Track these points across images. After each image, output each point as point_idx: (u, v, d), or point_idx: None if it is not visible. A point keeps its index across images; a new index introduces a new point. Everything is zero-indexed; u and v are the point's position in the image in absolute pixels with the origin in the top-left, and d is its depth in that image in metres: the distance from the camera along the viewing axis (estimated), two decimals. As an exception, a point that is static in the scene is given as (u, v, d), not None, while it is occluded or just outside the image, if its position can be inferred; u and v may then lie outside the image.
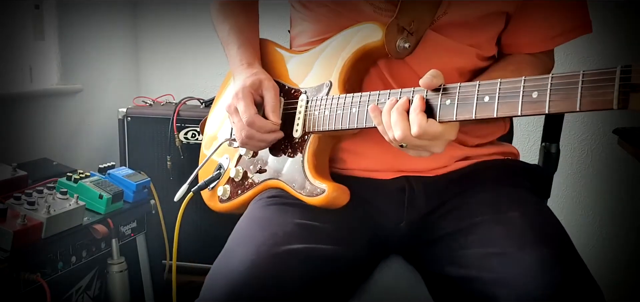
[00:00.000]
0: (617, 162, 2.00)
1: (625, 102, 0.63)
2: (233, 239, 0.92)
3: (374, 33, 0.94)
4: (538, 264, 0.78)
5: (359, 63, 0.97)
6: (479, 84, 0.76)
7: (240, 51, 1.08)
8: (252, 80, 1.01)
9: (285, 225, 0.90)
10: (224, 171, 1.11)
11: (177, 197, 1.10)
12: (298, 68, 1.07)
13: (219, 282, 0.82)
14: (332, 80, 0.98)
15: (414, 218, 0.98)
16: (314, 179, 0.95)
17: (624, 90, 0.63)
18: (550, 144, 1.21)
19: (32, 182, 1.48)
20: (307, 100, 1.00)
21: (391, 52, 0.92)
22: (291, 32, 1.16)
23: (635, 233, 2.01)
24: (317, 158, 0.98)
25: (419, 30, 0.93)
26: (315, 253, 0.87)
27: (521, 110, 0.72)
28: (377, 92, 0.88)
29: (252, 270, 0.80)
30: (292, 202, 0.96)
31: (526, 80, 0.72)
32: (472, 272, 0.84)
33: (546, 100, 0.70)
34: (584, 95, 0.66)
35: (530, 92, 0.71)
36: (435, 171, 0.99)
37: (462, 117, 0.77)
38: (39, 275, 1.29)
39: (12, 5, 1.82)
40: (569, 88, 0.68)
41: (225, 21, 1.15)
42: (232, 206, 1.09)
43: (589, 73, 0.66)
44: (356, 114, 0.91)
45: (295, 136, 1.00)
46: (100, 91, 2.12)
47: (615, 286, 2.00)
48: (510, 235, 0.84)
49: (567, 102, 0.68)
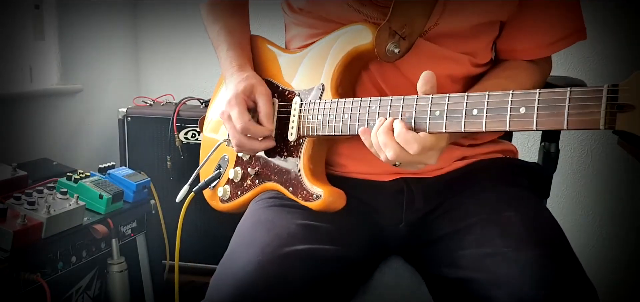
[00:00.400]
0: (617, 162, 2.00)
1: (612, 122, 0.63)
2: (237, 241, 0.92)
3: (364, 35, 0.93)
4: (532, 264, 0.78)
5: (351, 66, 0.97)
6: (468, 96, 0.76)
7: (230, 53, 1.09)
8: (244, 86, 1.00)
9: (288, 226, 0.90)
10: (224, 171, 1.11)
11: (179, 198, 1.11)
12: (291, 68, 1.07)
13: (225, 283, 0.82)
14: (324, 83, 0.98)
15: (413, 219, 0.98)
16: (310, 184, 0.95)
17: (611, 111, 0.63)
18: (550, 143, 1.21)
19: (32, 182, 1.47)
20: (301, 102, 1.00)
21: (381, 55, 0.92)
22: (286, 37, 1.16)
23: (635, 233, 2.01)
24: (312, 162, 0.98)
25: (411, 35, 0.92)
26: (318, 253, 0.87)
27: (509, 126, 0.72)
28: (369, 99, 0.88)
29: (258, 271, 0.81)
30: (292, 203, 0.97)
31: (514, 94, 0.72)
32: (468, 273, 0.84)
33: (533, 116, 0.69)
34: (571, 114, 0.66)
35: (518, 107, 0.71)
36: (433, 173, 0.99)
37: (451, 129, 0.78)
38: (39, 275, 1.29)
39: (12, 5, 1.82)
40: (556, 106, 0.67)
41: (216, 22, 1.15)
42: (233, 206, 1.09)
43: (576, 91, 0.66)
44: (348, 121, 0.90)
45: (290, 140, 1.00)
46: (100, 91, 2.12)
47: (615, 286, 2.00)
48: (506, 235, 0.84)
49: (555, 119, 0.68)
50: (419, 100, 0.81)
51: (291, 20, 1.10)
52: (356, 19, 0.97)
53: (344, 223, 0.94)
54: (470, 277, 0.84)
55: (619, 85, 0.62)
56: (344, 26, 0.98)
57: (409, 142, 0.79)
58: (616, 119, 0.62)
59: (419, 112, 0.81)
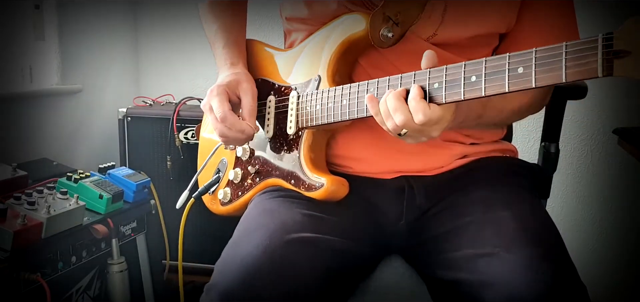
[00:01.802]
0: (617, 162, 2.00)
1: (609, 69, 0.64)
2: (242, 228, 0.93)
3: (358, 23, 0.94)
4: (524, 264, 0.78)
5: (347, 55, 0.98)
6: (465, 64, 0.77)
7: (224, 50, 1.10)
8: (230, 80, 1.02)
9: (293, 215, 0.91)
10: (223, 174, 1.11)
11: (179, 204, 1.11)
12: (287, 65, 1.08)
13: (232, 266, 0.82)
14: (320, 74, 0.98)
15: (413, 217, 0.98)
16: (311, 174, 0.96)
17: (607, 58, 0.64)
18: (550, 143, 1.21)
19: (32, 182, 1.48)
20: (298, 96, 1.00)
21: (374, 40, 0.93)
22: (285, 44, 1.17)
23: (635, 233, 2.01)
24: (313, 152, 0.98)
25: (405, 23, 0.93)
26: (323, 243, 0.88)
27: (508, 87, 0.72)
28: (366, 82, 0.89)
29: (265, 254, 0.82)
30: (295, 195, 0.97)
31: (510, 56, 0.73)
32: (460, 275, 0.85)
33: (532, 73, 0.70)
34: (568, 66, 0.67)
35: (515, 67, 0.72)
36: (434, 170, 0.99)
37: (451, 99, 0.78)
38: (39, 275, 1.29)
39: (12, 5, 1.82)
40: (553, 60, 0.68)
41: (214, 22, 1.16)
42: (234, 208, 1.09)
43: (572, 44, 0.67)
44: (347, 106, 0.91)
45: (289, 133, 1.00)
46: (100, 91, 2.12)
47: (615, 286, 2.00)
48: (499, 235, 0.84)
49: (553, 74, 0.68)
50: (417, 75, 0.82)
51: (290, 28, 1.11)
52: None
53: (347, 217, 0.95)
54: (463, 278, 0.84)
55: (613, 33, 0.64)
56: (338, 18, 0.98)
57: (417, 110, 0.78)
58: (613, 66, 0.64)
59: (424, 86, 0.80)
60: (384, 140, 0.96)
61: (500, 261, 0.80)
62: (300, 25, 1.07)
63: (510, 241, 0.82)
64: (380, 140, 0.97)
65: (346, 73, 0.99)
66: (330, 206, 0.94)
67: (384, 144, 0.98)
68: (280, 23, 1.17)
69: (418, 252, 0.97)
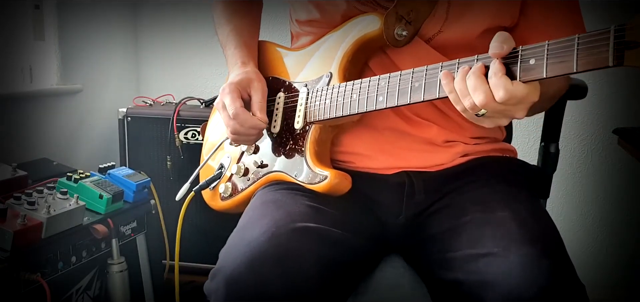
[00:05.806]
0: (617, 162, 2.00)
1: (620, 59, 0.65)
2: (248, 217, 0.94)
3: (373, 23, 0.95)
4: (523, 264, 0.78)
5: (359, 53, 0.99)
6: (478, 58, 0.78)
7: (237, 51, 1.11)
8: (241, 78, 1.03)
9: (298, 205, 0.92)
10: (226, 170, 1.12)
11: (179, 196, 1.11)
12: (298, 64, 1.09)
13: (238, 252, 0.83)
14: (332, 71, 1.00)
15: (412, 213, 0.98)
16: (315, 167, 0.96)
17: (618, 48, 0.65)
18: (550, 143, 1.21)
19: (32, 182, 1.47)
20: (308, 92, 1.01)
21: (389, 39, 0.94)
22: (292, 46, 1.18)
23: (635, 233, 2.02)
24: (318, 146, 0.99)
25: (417, 21, 0.94)
26: (327, 235, 0.89)
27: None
28: (377, 77, 0.90)
29: (271, 240, 0.82)
30: (298, 188, 0.98)
31: (523, 49, 0.74)
32: (459, 275, 0.85)
33: (544, 65, 0.71)
34: (580, 57, 0.68)
35: (527, 59, 0.73)
36: (435, 167, 1.00)
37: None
38: (39, 275, 1.29)
39: (12, 5, 1.82)
40: (565, 51, 0.69)
41: (227, 24, 1.17)
42: (234, 203, 1.09)
43: (584, 36, 0.68)
44: (357, 101, 0.93)
45: (297, 128, 1.01)
46: (100, 91, 2.12)
47: (615, 286, 2.01)
48: (498, 235, 0.84)
49: (563, 65, 0.70)
50: (429, 70, 0.83)
51: (297, 29, 1.12)
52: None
53: (350, 212, 0.96)
54: (462, 278, 0.84)
55: (625, 25, 0.65)
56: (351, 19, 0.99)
57: (498, 86, 0.75)
58: (624, 56, 0.65)
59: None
60: (387, 138, 0.98)
61: (499, 261, 0.80)
62: (310, 28, 1.08)
63: (509, 241, 0.82)
64: (383, 137, 0.99)
65: (356, 73, 1.00)
66: (332, 199, 0.95)
67: (387, 142, 0.99)
68: (287, 26, 1.18)
69: (418, 252, 0.97)
